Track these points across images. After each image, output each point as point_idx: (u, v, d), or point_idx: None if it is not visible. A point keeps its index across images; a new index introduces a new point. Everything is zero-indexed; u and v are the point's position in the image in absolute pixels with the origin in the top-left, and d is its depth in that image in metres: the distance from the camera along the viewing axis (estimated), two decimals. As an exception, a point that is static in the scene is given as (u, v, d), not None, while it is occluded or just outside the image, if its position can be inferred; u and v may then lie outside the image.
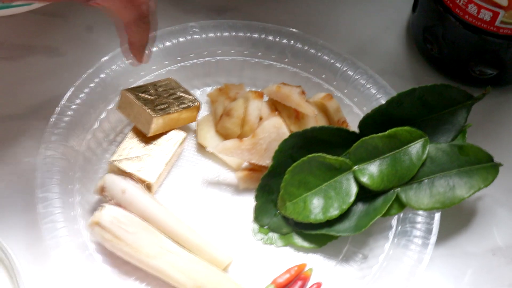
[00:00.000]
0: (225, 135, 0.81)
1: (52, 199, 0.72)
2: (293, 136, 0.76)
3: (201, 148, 0.81)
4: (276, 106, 0.82)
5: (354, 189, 0.75)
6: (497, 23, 0.80)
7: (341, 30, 0.94)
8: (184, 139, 0.80)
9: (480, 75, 0.86)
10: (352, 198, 0.75)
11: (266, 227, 0.77)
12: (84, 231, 0.72)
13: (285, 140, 0.76)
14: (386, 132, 0.75)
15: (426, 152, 0.75)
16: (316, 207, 0.74)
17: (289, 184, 0.75)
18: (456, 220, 0.80)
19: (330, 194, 0.75)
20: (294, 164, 0.75)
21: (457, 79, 0.89)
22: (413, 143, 0.75)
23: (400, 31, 0.95)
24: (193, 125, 0.83)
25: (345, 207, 0.74)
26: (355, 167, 0.75)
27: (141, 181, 0.76)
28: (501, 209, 0.81)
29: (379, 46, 0.93)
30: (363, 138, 0.75)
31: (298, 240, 0.76)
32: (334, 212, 0.74)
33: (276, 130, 0.78)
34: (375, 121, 0.76)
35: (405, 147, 0.75)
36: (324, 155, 0.75)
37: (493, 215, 0.80)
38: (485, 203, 0.81)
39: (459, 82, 0.88)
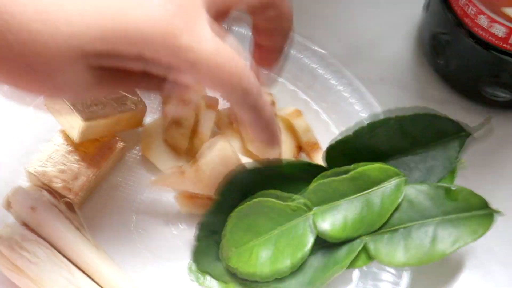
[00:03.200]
0: (173, 146, 0.68)
1: None
2: (243, 167, 0.62)
3: (145, 159, 0.69)
4: (237, 117, 0.69)
5: (311, 237, 0.61)
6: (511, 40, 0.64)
7: (339, 27, 0.79)
8: (123, 147, 0.67)
9: (493, 96, 0.71)
10: (308, 248, 0.61)
11: (208, 274, 0.64)
12: (-21, 254, 0.61)
13: (235, 173, 0.62)
14: (349, 175, 0.61)
15: (402, 194, 0.61)
16: (264, 259, 0.61)
17: (235, 228, 0.62)
18: (437, 275, 0.66)
19: (281, 243, 0.61)
20: (241, 206, 0.61)
21: (467, 96, 0.74)
22: (386, 183, 0.61)
23: (410, 33, 0.80)
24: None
25: (298, 260, 0.61)
26: (313, 210, 0.61)
27: (60, 197, 0.64)
28: (495, 267, 0.67)
29: (381, 50, 0.78)
30: (319, 181, 0.61)
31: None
32: (284, 268, 0.61)
33: (219, 153, 0.63)
34: (343, 153, 0.62)
35: (375, 188, 0.61)
36: (273, 200, 0.61)
37: (484, 273, 0.66)
38: (476, 256, 0.67)
39: (470, 101, 0.74)
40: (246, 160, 0.65)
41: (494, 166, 0.71)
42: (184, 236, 0.65)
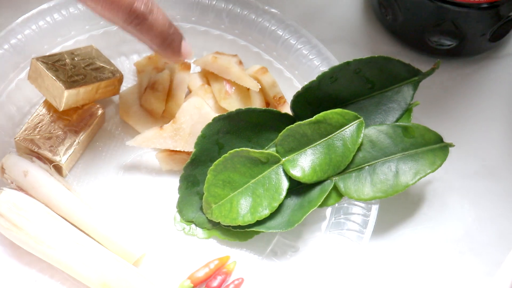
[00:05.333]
0: (149, 110, 0.73)
1: None
2: (217, 120, 0.68)
3: (123, 123, 0.74)
4: (208, 78, 0.74)
5: (285, 184, 0.67)
6: (452, -11, 0.71)
7: (291, -8, 0.85)
8: (103, 114, 0.72)
9: (438, 45, 0.78)
10: (283, 195, 0.67)
11: (192, 223, 0.69)
12: (-21, 218, 0.65)
13: (209, 125, 0.68)
14: (313, 118, 0.67)
15: (362, 135, 0.67)
16: (244, 208, 0.67)
17: (213, 184, 0.67)
18: (401, 207, 0.72)
19: (258, 191, 0.67)
20: (216, 162, 0.67)
21: (415, 48, 0.80)
22: (346, 127, 0.67)
23: (357, -6, 0.86)
24: (117, 97, 0.75)
25: (275, 204, 0.66)
26: (284, 159, 0.67)
27: (49, 162, 0.68)
28: (452, 196, 0.73)
29: (333, 11, 0.84)
30: (289, 127, 0.67)
31: (223, 232, 0.69)
32: (263, 212, 0.66)
33: (198, 111, 0.70)
34: (308, 100, 0.68)
35: (337, 131, 0.67)
36: (248, 149, 0.67)
37: (443, 203, 0.73)
38: (434, 188, 0.73)
39: (418, 52, 0.80)
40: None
41: (442, 107, 0.78)
42: (167, 191, 0.70)
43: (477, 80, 0.80)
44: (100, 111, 0.72)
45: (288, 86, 0.75)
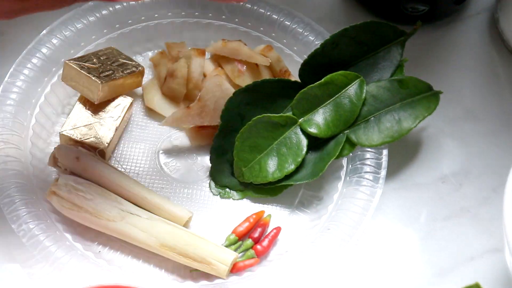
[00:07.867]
0: (171, 96, 0.82)
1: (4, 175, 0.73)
2: (237, 93, 0.77)
3: (149, 111, 0.82)
4: (219, 61, 0.83)
5: (304, 141, 0.76)
6: (422, -44, 0.82)
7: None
8: (132, 104, 0.81)
9: (413, 12, 0.88)
10: (305, 150, 0.76)
11: (226, 187, 0.78)
12: (42, 203, 0.73)
13: (231, 98, 0.77)
14: (322, 80, 0.76)
15: (364, 91, 0.77)
16: (272, 166, 0.76)
17: (241, 150, 0.76)
18: (404, 154, 0.82)
19: (282, 151, 0.76)
20: (241, 130, 0.76)
21: (391, 18, 0.90)
22: (350, 86, 0.77)
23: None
24: (139, 90, 0.84)
25: (299, 159, 0.76)
26: (300, 120, 0.77)
27: (93, 149, 0.77)
28: (444, 139, 0.84)
29: (312, -5, 0.95)
30: (302, 90, 0.76)
31: (256, 191, 0.78)
32: (290, 167, 0.76)
33: (219, 87, 0.79)
34: (313, 67, 0.78)
35: (343, 91, 0.77)
36: (269, 114, 0.76)
37: (438, 145, 0.83)
38: (429, 134, 0.84)
39: (394, 22, 0.90)
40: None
41: (424, 64, 0.88)
42: (199, 164, 0.79)
43: (449, 39, 0.91)
44: (129, 101, 0.80)
45: (290, 61, 0.85)
